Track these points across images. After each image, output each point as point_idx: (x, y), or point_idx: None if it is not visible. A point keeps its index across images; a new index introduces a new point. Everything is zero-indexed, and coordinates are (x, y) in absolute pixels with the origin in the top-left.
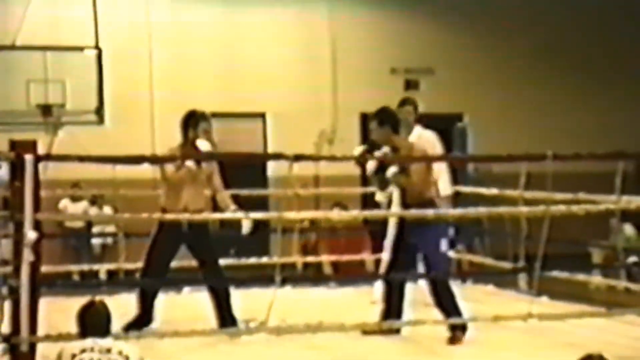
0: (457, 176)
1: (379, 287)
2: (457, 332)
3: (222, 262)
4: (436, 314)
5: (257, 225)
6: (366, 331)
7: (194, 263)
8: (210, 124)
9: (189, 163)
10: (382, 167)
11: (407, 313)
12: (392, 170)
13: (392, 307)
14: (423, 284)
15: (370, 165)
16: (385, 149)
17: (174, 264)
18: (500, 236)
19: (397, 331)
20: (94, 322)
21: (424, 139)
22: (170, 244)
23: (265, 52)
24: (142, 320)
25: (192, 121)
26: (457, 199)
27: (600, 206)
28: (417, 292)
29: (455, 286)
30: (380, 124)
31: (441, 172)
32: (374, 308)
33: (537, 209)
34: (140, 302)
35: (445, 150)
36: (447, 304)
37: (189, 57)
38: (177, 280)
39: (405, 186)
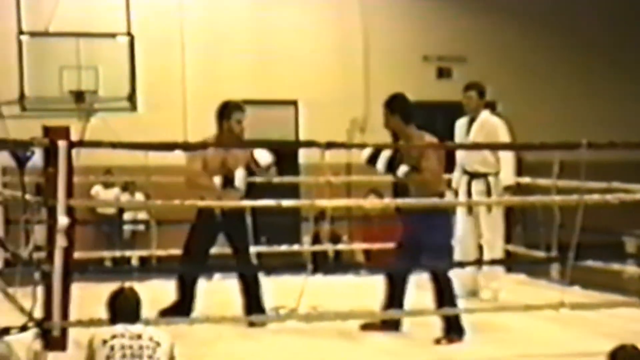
0: (521, 166)
1: None
2: (451, 335)
3: (254, 249)
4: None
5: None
6: (365, 326)
7: (224, 250)
8: (243, 115)
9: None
10: (391, 162)
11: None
12: (402, 170)
13: (394, 301)
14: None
15: (365, 153)
16: (404, 167)
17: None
18: (533, 225)
19: (396, 327)
20: (124, 308)
21: (487, 126)
22: (207, 232)
23: (297, 40)
24: (180, 308)
25: (226, 112)
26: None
27: (634, 195)
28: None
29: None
30: (391, 112)
31: (505, 160)
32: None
33: (570, 198)
34: (179, 290)
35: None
36: (447, 302)
37: (221, 44)
38: (207, 267)
39: (416, 184)
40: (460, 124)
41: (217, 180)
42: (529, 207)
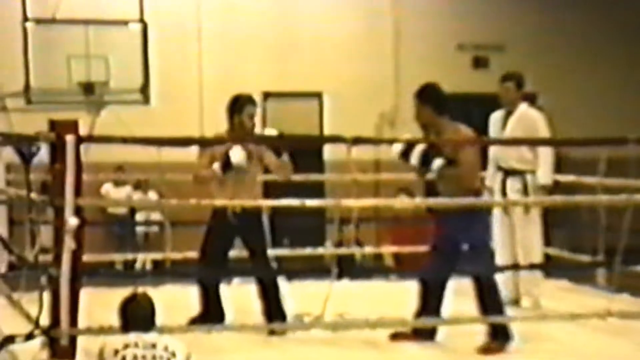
0: (560, 164)
1: None
2: (495, 342)
3: (276, 252)
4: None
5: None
6: (395, 335)
7: (244, 253)
8: (256, 108)
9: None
10: (426, 155)
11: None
12: (437, 163)
13: (429, 308)
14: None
15: (396, 148)
16: (440, 161)
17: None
18: (577, 227)
19: (431, 336)
20: (137, 316)
21: (525, 120)
22: (222, 234)
23: (322, 27)
24: (208, 318)
25: (237, 106)
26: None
27: None
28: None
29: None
30: (422, 103)
31: (544, 157)
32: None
33: (618, 197)
34: (202, 299)
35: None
36: (492, 308)
37: (240, 32)
38: (224, 271)
39: (453, 179)
40: (496, 117)
41: (217, 166)
42: (572, 208)
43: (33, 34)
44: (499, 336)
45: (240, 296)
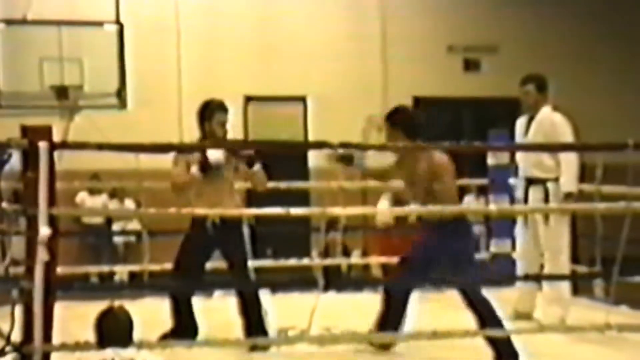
0: (584, 172)
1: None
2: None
3: (259, 263)
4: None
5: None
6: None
7: (224, 265)
8: (227, 115)
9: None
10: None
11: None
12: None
13: (389, 319)
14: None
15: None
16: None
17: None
18: (573, 236)
19: (386, 347)
20: (114, 330)
21: (546, 124)
22: (200, 245)
23: (306, 27)
24: (180, 332)
25: (207, 112)
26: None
27: None
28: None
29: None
30: (392, 127)
31: (566, 164)
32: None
33: (615, 205)
34: (173, 311)
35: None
36: (491, 322)
37: (220, 32)
38: (200, 284)
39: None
40: (520, 123)
41: (195, 170)
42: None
43: (3, 35)
44: (506, 356)
45: (221, 309)
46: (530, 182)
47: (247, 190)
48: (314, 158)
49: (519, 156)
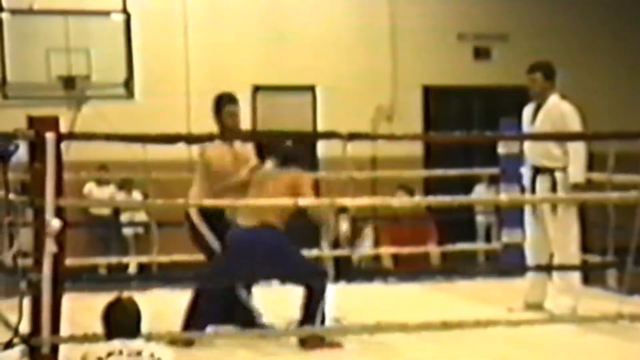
0: (593, 161)
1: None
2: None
3: None
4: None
5: None
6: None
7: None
8: (236, 107)
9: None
10: None
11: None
12: None
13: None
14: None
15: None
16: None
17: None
18: (585, 226)
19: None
20: (122, 322)
21: (553, 112)
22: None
23: (315, 17)
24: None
25: (218, 105)
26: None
27: None
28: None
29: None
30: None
31: (573, 153)
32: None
33: (628, 194)
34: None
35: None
36: (312, 315)
37: (229, 22)
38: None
39: None
40: (527, 111)
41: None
42: (580, 206)
43: (9, 25)
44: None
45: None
46: (537, 171)
47: None
48: (323, 148)
49: (526, 145)
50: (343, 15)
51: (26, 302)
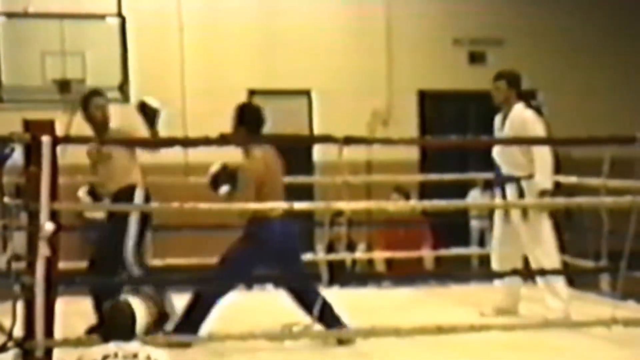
0: (559, 164)
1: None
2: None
3: None
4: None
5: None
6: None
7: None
8: (105, 100)
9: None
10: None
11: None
12: (224, 189)
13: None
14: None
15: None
16: (226, 188)
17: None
18: (579, 230)
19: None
20: (117, 324)
21: (516, 120)
22: None
23: (310, 21)
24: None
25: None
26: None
27: None
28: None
29: (527, 287)
30: (239, 123)
31: (539, 160)
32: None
33: (622, 199)
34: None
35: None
36: (196, 314)
37: (224, 25)
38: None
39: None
40: (497, 119)
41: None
42: (574, 210)
43: (4, 28)
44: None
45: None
46: (508, 179)
47: None
48: (319, 152)
49: (495, 153)
50: (339, 19)
51: (20, 306)
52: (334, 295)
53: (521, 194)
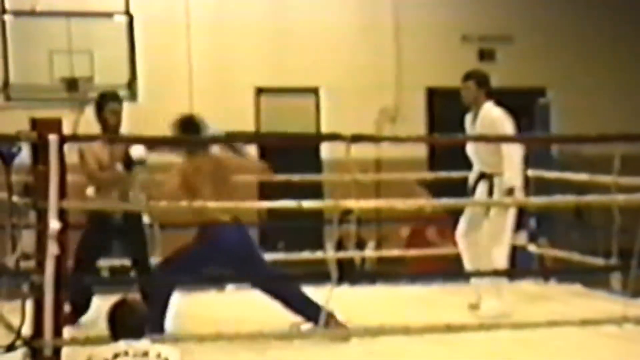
0: (528, 159)
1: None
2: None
3: (270, 257)
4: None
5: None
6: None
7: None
8: (121, 104)
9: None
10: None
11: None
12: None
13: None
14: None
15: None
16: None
17: None
18: (590, 228)
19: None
20: (127, 323)
21: (485, 119)
22: (98, 239)
23: (318, 19)
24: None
25: (100, 104)
26: (529, 188)
27: None
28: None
29: (538, 285)
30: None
31: (508, 159)
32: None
33: (633, 197)
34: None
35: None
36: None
37: (232, 23)
38: (216, 279)
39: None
40: (468, 119)
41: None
42: (585, 208)
43: (12, 27)
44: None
45: (234, 303)
46: (481, 176)
47: (260, 183)
48: (327, 150)
49: (469, 152)
50: (347, 16)
51: (28, 305)
52: (344, 294)
53: (491, 191)
